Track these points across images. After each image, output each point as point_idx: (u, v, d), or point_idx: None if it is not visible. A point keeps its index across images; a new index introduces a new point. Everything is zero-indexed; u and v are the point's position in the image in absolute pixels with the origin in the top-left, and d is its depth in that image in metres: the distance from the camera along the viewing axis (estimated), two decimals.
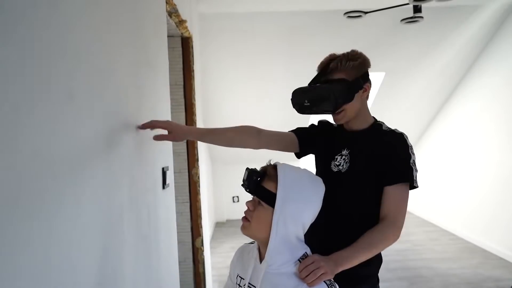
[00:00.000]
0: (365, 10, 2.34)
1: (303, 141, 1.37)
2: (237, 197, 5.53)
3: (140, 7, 1.36)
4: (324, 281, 0.87)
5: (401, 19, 2.43)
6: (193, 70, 2.63)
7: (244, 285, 0.95)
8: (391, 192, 1.14)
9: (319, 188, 0.94)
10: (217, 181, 5.45)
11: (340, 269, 0.98)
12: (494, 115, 3.98)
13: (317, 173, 1.34)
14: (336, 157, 1.26)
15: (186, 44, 2.58)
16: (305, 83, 1.29)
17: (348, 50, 1.25)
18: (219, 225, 5.29)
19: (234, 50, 3.73)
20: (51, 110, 0.72)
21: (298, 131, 1.39)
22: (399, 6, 2.37)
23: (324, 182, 1.29)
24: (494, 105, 3.99)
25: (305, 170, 0.97)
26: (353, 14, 2.28)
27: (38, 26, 0.69)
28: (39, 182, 0.67)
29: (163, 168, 1.58)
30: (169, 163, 1.72)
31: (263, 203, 0.91)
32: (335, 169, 1.25)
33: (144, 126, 1.27)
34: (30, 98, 0.66)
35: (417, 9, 2.28)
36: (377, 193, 1.17)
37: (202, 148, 3.18)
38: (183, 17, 2.25)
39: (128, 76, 1.21)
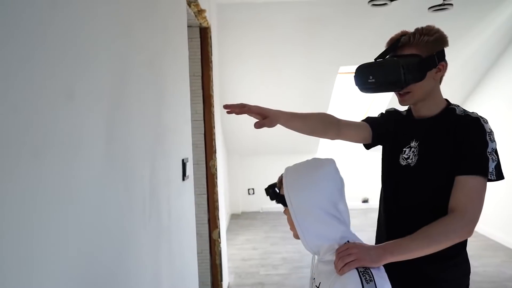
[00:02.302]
0: None
1: (376, 132, 1.26)
2: (253, 189, 5.53)
3: None
4: (357, 269, 0.82)
5: (428, 7, 2.33)
6: (211, 61, 2.60)
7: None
8: (462, 182, 1.00)
9: (317, 171, 0.91)
10: (232, 173, 5.45)
11: (389, 258, 0.88)
12: None
13: (383, 167, 1.25)
14: (404, 149, 1.14)
15: (204, 35, 2.55)
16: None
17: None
18: (234, 217, 5.31)
19: (252, 41, 3.67)
20: (79, 103, 0.70)
21: (370, 121, 1.28)
22: None
23: (391, 177, 1.20)
24: None
25: (307, 161, 0.95)
26: (378, 2, 2.19)
27: (50, 12, 0.66)
28: (62, 178, 0.66)
29: (183, 160, 1.56)
30: (189, 154, 1.70)
31: (284, 207, 0.95)
32: (403, 163, 1.14)
33: (234, 108, 1.05)
34: (61, 92, 0.64)
35: None
36: (449, 189, 1.03)
37: (219, 139, 3.16)
38: (202, 6, 2.22)
39: (149, 66, 1.18)
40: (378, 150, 1.36)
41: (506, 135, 4.02)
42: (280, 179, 0.97)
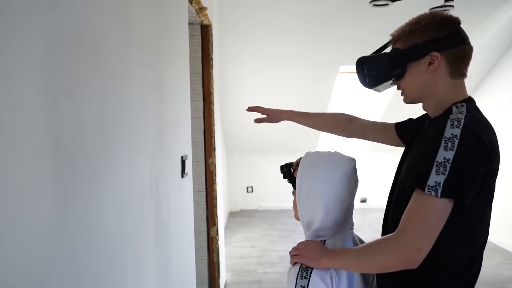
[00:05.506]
0: None
1: (399, 134, 1.15)
2: (251, 187, 5.53)
3: None
4: (302, 265, 0.88)
5: (430, 8, 2.33)
6: (211, 59, 2.60)
7: None
8: (411, 199, 0.82)
9: (336, 169, 0.92)
10: (231, 171, 5.45)
11: (324, 262, 0.87)
12: None
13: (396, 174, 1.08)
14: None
15: (205, 32, 2.55)
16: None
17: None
18: (232, 215, 5.31)
19: (252, 39, 3.67)
20: (79, 101, 0.71)
21: (399, 123, 1.18)
22: None
23: (393, 183, 1.04)
24: None
25: (329, 153, 0.97)
26: (380, 3, 2.19)
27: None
28: (62, 176, 0.66)
29: (182, 157, 1.57)
30: (188, 151, 1.70)
31: (293, 189, 0.98)
32: (403, 170, 0.98)
33: (253, 110, 1.34)
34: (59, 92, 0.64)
35: None
36: None
37: (218, 137, 3.17)
38: (204, 4, 2.21)
39: (149, 63, 1.18)
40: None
41: (504, 137, 4.03)
42: (298, 162, 0.99)
